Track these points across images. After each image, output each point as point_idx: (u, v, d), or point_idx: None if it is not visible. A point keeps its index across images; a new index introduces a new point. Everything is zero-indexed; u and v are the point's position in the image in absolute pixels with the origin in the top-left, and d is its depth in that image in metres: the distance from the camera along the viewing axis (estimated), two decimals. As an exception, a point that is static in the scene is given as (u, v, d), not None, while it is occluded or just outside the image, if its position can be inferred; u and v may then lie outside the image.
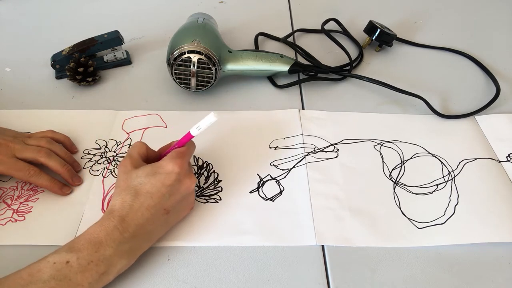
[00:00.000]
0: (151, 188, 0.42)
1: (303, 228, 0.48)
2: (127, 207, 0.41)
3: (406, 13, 0.85)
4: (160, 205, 0.42)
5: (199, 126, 0.43)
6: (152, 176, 0.42)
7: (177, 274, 0.43)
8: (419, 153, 0.57)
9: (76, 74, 0.63)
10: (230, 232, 0.47)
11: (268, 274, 0.44)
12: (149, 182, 0.42)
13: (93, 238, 0.39)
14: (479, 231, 0.48)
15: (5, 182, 0.51)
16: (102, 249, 0.39)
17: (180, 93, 0.64)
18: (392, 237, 0.47)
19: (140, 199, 0.41)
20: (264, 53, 0.65)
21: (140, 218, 0.41)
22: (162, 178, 0.42)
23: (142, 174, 0.42)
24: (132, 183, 0.42)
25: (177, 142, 0.46)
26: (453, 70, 0.72)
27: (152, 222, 0.42)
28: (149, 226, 0.42)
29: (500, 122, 0.62)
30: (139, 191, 0.42)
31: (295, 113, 0.61)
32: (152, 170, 0.43)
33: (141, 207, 0.41)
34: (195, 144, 0.48)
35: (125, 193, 0.42)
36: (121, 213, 0.41)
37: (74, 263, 0.38)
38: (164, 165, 0.43)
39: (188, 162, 0.46)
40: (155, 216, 0.42)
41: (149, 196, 0.42)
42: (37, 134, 0.54)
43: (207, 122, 0.43)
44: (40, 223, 0.47)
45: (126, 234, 0.40)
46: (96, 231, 0.40)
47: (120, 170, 0.44)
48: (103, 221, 0.41)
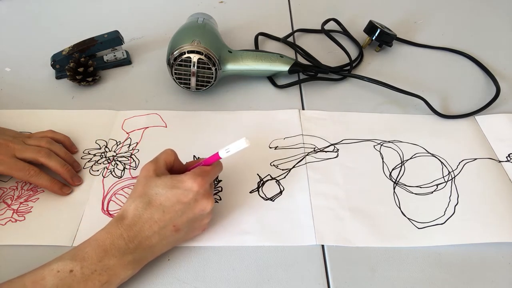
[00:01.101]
0: (166, 201, 0.41)
1: (303, 228, 0.48)
2: (137, 216, 0.40)
3: (406, 13, 0.85)
4: (170, 221, 0.41)
5: (229, 149, 0.41)
6: (170, 189, 0.41)
7: (177, 274, 0.43)
8: (419, 153, 0.57)
9: (76, 74, 0.63)
10: (230, 232, 0.47)
11: (268, 274, 0.44)
12: (165, 195, 0.41)
13: (98, 245, 0.39)
14: (479, 231, 0.48)
15: (5, 182, 0.51)
16: (106, 258, 0.38)
17: (180, 93, 0.64)
18: (392, 237, 0.47)
19: (151, 210, 0.40)
20: (264, 53, 0.65)
21: (148, 230, 0.40)
22: (179, 194, 0.41)
23: (161, 184, 0.41)
24: (149, 191, 0.41)
25: (204, 160, 0.44)
26: (453, 70, 0.72)
27: (159, 236, 0.41)
28: (155, 240, 0.41)
29: (500, 122, 0.62)
30: (152, 202, 0.41)
31: (295, 113, 0.61)
32: (172, 183, 0.41)
33: (150, 219, 0.40)
34: (222, 166, 0.46)
35: (139, 200, 0.41)
36: (130, 222, 0.40)
37: (78, 272, 0.37)
38: (184, 180, 0.41)
39: (210, 184, 0.44)
40: (162, 231, 0.41)
41: (161, 209, 0.41)
42: (37, 134, 0.54)
43: (237, 147, 0.41)
44: (40, 223, 0.47)
45: (131, 245, 0.40)
46: (102, 238, 0.40)
47: (142, 173, 0.43)
48: (111, 227, 0.40)
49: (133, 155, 0.55)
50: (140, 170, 0.44)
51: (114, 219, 0.41)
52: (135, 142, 0.57)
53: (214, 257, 0.45)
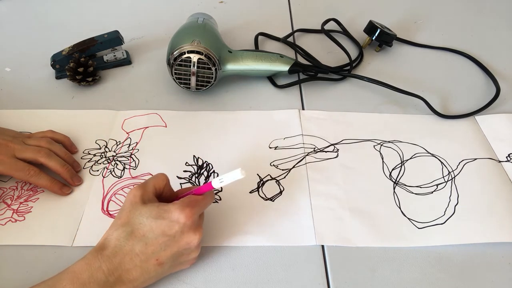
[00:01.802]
0: (149, 233, 0.38)
1: (303, 228, 0.48)
2: (118, 247, 0.38)
3: (406, 13, 0.85)
4: (153, 254, 0.38)
5: (222, 180, 0.39)
6: (154, 220, 0.38)
7: (177, 274, 0.43)
8: (419, 153, 0.57)
9: (76, 74, 0.63)
10: (230, 232, 0.47)
11: (268, 274, 0.44)
12: (149, 225, 0.38)
13: (76, 278, 0.37)
14: (479, 231, 0.48)
15: (5, 182, 0.51)
16: None
17: (180, 93, 0.64)
18: (392, 237, 0.47)
19: (133, 241, 0.38)
20: (264, 53, 0.65)
21: (128, 263, 0.38)
22: (164, 225, 0.38)
23: (146, 213, 0.38)
24: (132, 219, 0.39)
25: (196, 189, 0.41)
26: (453, 70, 0.72)
27: (141, 269, 0.38)
28: (136, 273, 0.38)
29: (500, 122, 0.62)
30: (135, 232, 0.38)
31: (295, 113, 0.61)
32: (158, 212, 0.38)
33: (131, 251, 0.38)
34: (214, 196, 0.44)
35: (122, 229, 0.39)
36: (110, 253, 0.38)
37: None
38: (171, 210, 0.38)
39: (201, 215, 0.42)
40: (144, 264, 0.38)
41: (143, 241, 0.38)
42: (37, 134, 0.54)
43: (232, 178, 0.38)
44: (40, 223, 0.47)
45: (111, 278, 0.37)
46: (80, 270, 0.37)
47: (128, 198, 0.40)
48: (90, 258, 0.38)
49: (133, 155, 0.55)
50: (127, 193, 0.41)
51: (94, 249, 0.39)
52: (135, 142, 0.57)
53: (214, 257, 0.45)
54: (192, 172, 0.53)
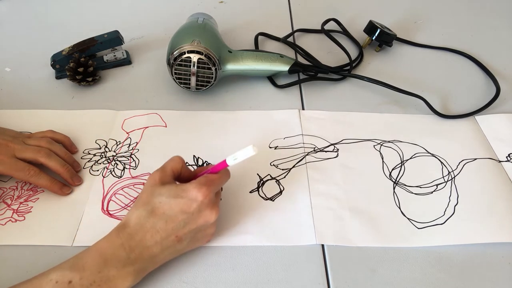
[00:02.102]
0: (169, 211, 0.40)
1: (303, 228, 0.48)
2: (139, 225, 0.40)
3: (406, 13, 0.85)
4: (172, 231, 0.40)
5: (236, 157, 0.40)
6: (173, 199, 0.40)
7: (177, 274, 0.43)
8: (419, 153, 0.57)
9: (76, 74, 0.63)
10: (230, 232, 0.47)
11: (268, 274, 0.44)
12: (168, 204, 0.40)
13: (98, 255, 0.38)
14: (479, 231, 0.48)
15: (5, 182, 0.51)
16: (106, 269, 0.38)
17: (180, 93, 0.64)
18: (392, 237, 0.47)
19: (154, 219, 0.40)
20: (264, 53, 0.65)
21: (149, 240, 0.39)
22: (182, 203, 0.40)
23: (165, 193, 0.40)
24: (152, 199, 0.40)
25: (211, 168, 0.43)
26: (453, 70, 0.72)
27: (161, 246, 0.40)
28: (156, 250, 0.40)
29: (500, 122, 0.62)
30: (155, 211, 0.40)
31: (295, 113, 0.61)
32: (176, 192, 0.40)
33: (152, 228, 0.40)
34: (229, 174, 0.45)
35: (142, 208, 0.40)
36: (131, 231, 0.39)
37: (77, 284, 0.36)
38: (188, 190, 0.40)
39: (217, 192, 0.44)
40: (164, 241, 0.40)
41: (164, 219, 0.40)
42: (37, 134, 0.54)
43: (245, 155, 0.40)
44: (40, 223, 0.47)
45: (132, 255, 0.39)
46: (102, 247, 0.39)
47: (148, 182, 0.42)
48: (112, 236, 0.40)
49: (133, 155, 0.55)
50: (147, 178, 0.43)
51: (116, 228, 0.40)
52: (135, 142, 0.57)
53: (214, 257, 0.45)
54: (192, 172, 0.53)
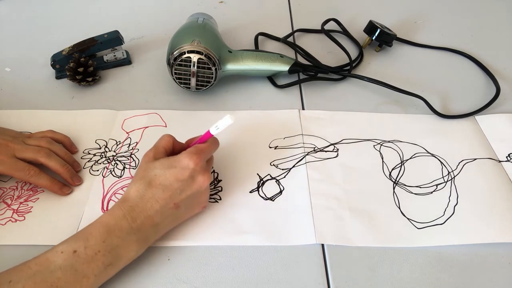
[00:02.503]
0: (164, 181, 0.42)
1: (303, 228, 0.48)
2: (138, 197, 0.42)
3: (406, 13, 0.85)
4: (170, 199, 0.42)
5: (218, 126, 0.43)
6: (167, 169, 0.43)
7: (177, 274, 0.43)
8: (419, 153, 0.57)
9: (76, 74, 0.63)
10: (230, 232, 0.47)
11: (268, 274, 0.44)
12: (164, 175, 0.43)
13: (102, 226, 0.40)
14: (479, 231, 0.48)
15: (5, 182, 0.51)
16: (110, 238, 0.39)
17: (180, 93, 0.64)
18: (392, 237, 0.47)
19: (152, 190, 0.42)
20: (264, 53, 0.65)
21: (149, 210, 0.42)
22: (176, 173, 0.43)
23: (159, 166, 0.43)
24: (148, 173, 0.43)
25: (199, 139, 0.46)
26: (453, 70, 0.72)
27: (161, 214, 0.42)
28: (157, 218, 0.42)
29: (500, 122, 0.62)
30: (152, 182, 0.43)
31: (295, 113, 0.61)
32: (169, 163, 0.43)
33: (151, 198, 0.42)
34: (218, 142, 0.47)
35: (140, 182, 0.43)
36: (132, 203, 0.42)
37: (81, 253, 0.38)
38: (180, 160, 0.43)
39: (209, 160, 0.46)
40: (164, 209, 0.42)
41: (161, 189, 0.42)
42: (37, 134, 0.54)
43: (224, 124, 0.43)
44: (40, 223, 0.47)
45: (134, 225, 0.41)
46: (105, 220, 0.41)
47: (143, 159, 0.45)
48: (114, 210, 0.42)
49: (133, 155, 0.55)
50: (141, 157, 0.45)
51: (117, 203, 0.43)
52: (135, 141, 0.57)
53: (214, 257, 0.45)
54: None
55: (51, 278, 0.36)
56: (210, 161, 0.47)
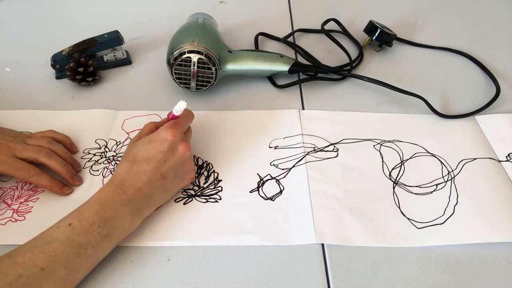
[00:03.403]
0: (147, 155, 0.45)
1: (303, 228, 0.48)
2: (125, 173, 0.45)
3: (406, 13, 0.85)
4: (156, 169, 0.45)
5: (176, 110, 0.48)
6: (148, 144, 0.46)
7: (177, 274, 0.43)
8: (419, 153, 0.57)
9: (76, 74, 0.63)
10: (230, 232, 0.47)
11: (268, 274, 0.44)
12: (145, 150, 0.46)
13: (94, 201, 0.42)
14: (479, 231, 0.48)
15: (5, 182, 0.51)
16: (103, 211, 0.41)
17: (180, 93, 0.64)
18: (392, 237, 0.47)
19: (137, 164, 0.45)
20: (264, 53, 0.65)
21: (138, 182, 0.44)
22: (157, 145, 0.46)
23: (140, 143, 0.46)
24: (131, 151, 0.46)
25: (170, 117, 0.49)
26: (453, 70, 0.72)
27: (150, 185, 0.45)
28: (147, 190, 0.44)
29: (500, 122, 0.62)
30: (136, 158, 0.45)
31: (295, 113, 0.61)
32: (149, 138, 0.47)
33: (138, 172, 0.45)
34: (192, 114, 0.51)
35: (125, 160, 0.46)
36: (121, 179, 0.44)
37: (77, 225, 0.40)
38: (158, 134, 0.47)
39: (186, 131, 0.50)
40: (151, 180, 0.45)
41: (145, 162, 0.45)
42: (37, 134, 0.54)
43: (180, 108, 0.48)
44: (40, 223, 0.47)
45: (125, 197, 0.43)
46: (97, 196, 0.43)
47: (129, 144, 0.48)
48: (104, 187, 0.44)
49: (133, 155, 0.55)
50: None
51: (107, 182, 0.45)
52: (135, 142, 0.57)
53: (214, 257, 0.45)
54: (192, 172, 0.53)
55: (48, 249, 0.38)
56: (188, 132, 0.51)
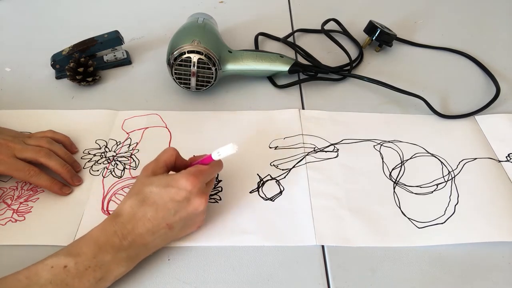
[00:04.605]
0: (159, 200, 0.41)
1: (303, 228, 0.48)
2: (131, 214, 0.41)
3: (406, 13, 0.85)
4: (163, 219, 0.41)
5: (219, 153, 0.42)
6: (163, 188, 0.41)
7: (177, 274, 0.43)
8: (419, 153, 0.57)
9: (76, 74, 0.63)
10: (230, 232, 0.47)
11: (268, 274, 0.44)
12: (159, 193, 0.41)
13: (93, 242, 0.40)
14: (479, 231, 0.48)
15: (5, 182, 0.51)
16: (101, 254, 0.39)
17: (180, 93, 0.64)
18: (392, 237, 0.47)
19: (145, 208, 0.41)
20: (264, 53, 0.65)
21: (141, 228, 0.41)
22: (172, 193, 0.41)
23: (156, 182, 0.42)
24: (144, 189, 0.42)
25: (201, 159, 0.45)
26: (453, 70, 0.72)
27: (152, 233, 0.41)
28: (148, 237, 0.41)
29: (500, 122, 0.62)
30: (146, 200, 0.41)
31: (295, 113, 0.61)
32: (166, 181, 0.42)
33: (143, 217, 0.41)
34: (222, 165, 0.46)
35: (134, 197, 0.42)
36: (124, 219, 0.41)
37: (72, 268, 0.38)
38: (178, 179, 0.42)
39: (209, 182, 0.45)
40: (156, 229, 0.41)
41: (154, 208, 0.41)
42: (37, 134, 0.54)
43: (227, 151, 0.42)
44: (40, 223, 0.47)
45: (125, 242, 0.40)
46: (96, 234, 0.40)
47: (141, 172, 0.44)
48: (106, 224, 0.41)
49: (133, 155, 0.55)
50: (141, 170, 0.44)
51: (109, 217, 0.42)
52: (135, 142, 0.57)
53: (214, 257, 0.45)
54: (192, 172, 0.53)
55: None
56: (211, 183, 0.46)
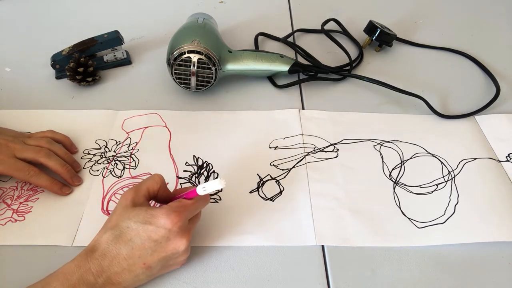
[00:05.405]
0: (135, 237, 0.38)
1: (303, 228, 0.48)
2: (106, 250, 0.38)
3: (406, 13, 0.85)
4: (139, 258, 0.38)
5: (205, 188, 0.39)
6: (141, 225, 0.38)
7: (177, 274, 0.43)
8: (419, 153, 0.57)
9: (76, 74, 0.63)
10: (230, 232, 0.47)
11: (268, 274, 0.44)
12: (136, 230, 0.38)
13: (66, 280, 0.37)
14: (479, 231, 0.48)
15: (5, 182, 0.51)
16: None
17: (180, 93, 0.64)
18: (392, 237, 0.47)
19: (119, 245, 0.38)
20: (264, 53, 0.65)
21: (116, 266, 0.38)
22: (150, 230, 0.38)
23: (134, 217, 0.39)
24: (121, 223, 0.39)
25: (186, 193, 0.41)
26: (453, 70, 0.72)
27: (129, 272, 0.39)
28: (125, 276, 0.38)
29: (500, 122, 0.62)
30: (122, 236, 0.38)
31: (295, 113, 0.61)
32: (145, 217, 0.38)
33: (118, 255, 0.38)
34: (208, 199, 0.43)
35: (110, 232, 0.39)
36: (99, 255, 0.38)
37: None
38: (157, 216, 0.38)
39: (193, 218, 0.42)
40: (132, 267, 0.38)
41: (130, 246, 0.38)
42: (37, 134, 0.54)
43: (213, 187, 0.39)
44: (40, 223, 0.47)
45: (100, 280, 0.38)
46: (70, 272, 0.38)
47: (120, 201, 0.41)
48: (80, 260, 0.38)
49: (133, 155, 0.55)
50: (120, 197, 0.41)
51: (84, 251, 0.39)
52: (135, 142, 0.57)
53: (214, 257, 0.45)
54: (192, 172, 0.53)
55: None
56: (195, 219, 0.43)
